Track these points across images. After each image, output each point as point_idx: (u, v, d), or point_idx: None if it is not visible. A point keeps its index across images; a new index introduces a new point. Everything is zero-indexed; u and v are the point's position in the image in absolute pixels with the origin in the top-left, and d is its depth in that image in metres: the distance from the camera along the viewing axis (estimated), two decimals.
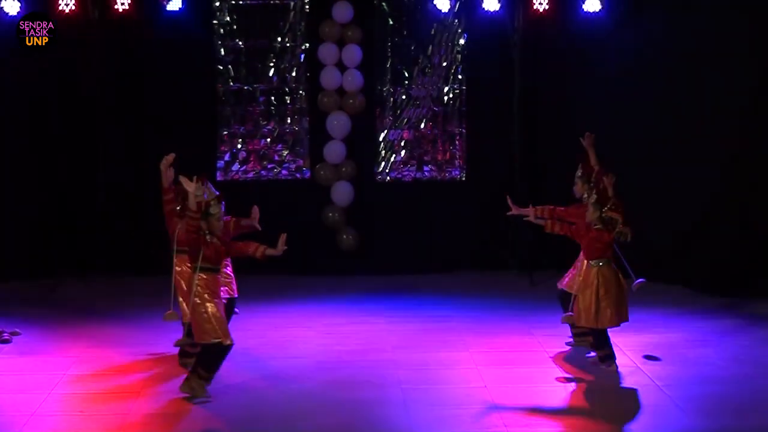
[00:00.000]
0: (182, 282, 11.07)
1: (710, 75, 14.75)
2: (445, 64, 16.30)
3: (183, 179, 10.31)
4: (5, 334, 12.39)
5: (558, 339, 12.12)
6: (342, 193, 15.98)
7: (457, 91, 16.36)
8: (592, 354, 11.33)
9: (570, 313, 11.19)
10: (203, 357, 10.41)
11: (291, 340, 12.43)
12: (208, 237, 10.25)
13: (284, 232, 10.46)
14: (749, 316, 13.34)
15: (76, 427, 9.62)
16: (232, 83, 16.26)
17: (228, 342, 10.36)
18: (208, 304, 10.25)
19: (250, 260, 10.69)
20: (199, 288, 10.24)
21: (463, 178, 16.39)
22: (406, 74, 16.37)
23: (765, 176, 14.38)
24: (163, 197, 11.23)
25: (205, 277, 10.28)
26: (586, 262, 11.18)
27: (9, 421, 9.72)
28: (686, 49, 14.94)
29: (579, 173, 11.87)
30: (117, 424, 9.68)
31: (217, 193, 10.87)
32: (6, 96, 15.48)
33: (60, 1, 14.93)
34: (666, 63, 15.12)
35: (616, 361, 11.12)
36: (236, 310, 11.82)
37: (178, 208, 11.11)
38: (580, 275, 11.24)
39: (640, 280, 11.64)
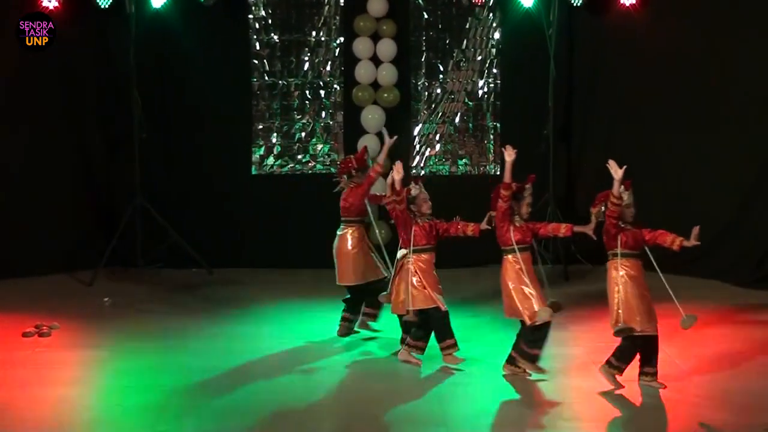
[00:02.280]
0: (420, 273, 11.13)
1: (746, 68, 14.79)
2: (479, 58, 16.36)
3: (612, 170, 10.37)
4: (44, 328, 12.45)
5: (594, 333, 12.20)
6: (375, 187, 16.00)
7: (492, 85, 16.42)
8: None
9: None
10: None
11: (321, 330, 12.55)
12: (621, 224, 10.34)
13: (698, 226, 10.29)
14: None
15: (115, 419, 9.71)
16: (267, 77, 16.35)
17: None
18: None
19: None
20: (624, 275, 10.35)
21: (498, 173, 16.46)
22: (441, 68, 16.44)
23: None
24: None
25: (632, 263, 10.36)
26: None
27: (49, 414, 9.80)
28: (724, 41, 14.96)
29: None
30: (155, 416, 9.80)
31: None
32: (43, 94, 15.65)
33: None
34: (702, 55, 15.13)
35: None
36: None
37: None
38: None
39: None
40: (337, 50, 16.36)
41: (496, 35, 16.38)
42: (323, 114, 16.50)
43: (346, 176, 12.34)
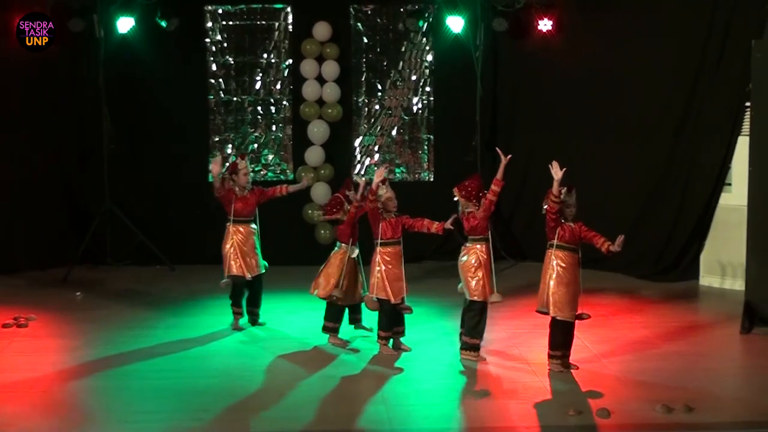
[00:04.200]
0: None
1: (646, 84, 15.02)
2: (414, 77, 16.48)
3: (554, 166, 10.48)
4: (22, 319, 12.44)
5: (510, 322, 12.33)
6: (320, 192, 16.14)
7: (425, 101, 16.54)
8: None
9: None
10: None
11: (276, 323, 12.58)
12: (561, 220, 10.48)
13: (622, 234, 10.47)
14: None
15: (85, 401, 9.75)
16: (223, 95, 16.40)
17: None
18: None
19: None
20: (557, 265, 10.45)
21: (431, 179, 16.60)
22: (379, 87, 16.53)
23: (695, 176, 14.66)
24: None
25: (566, 255, 10.46)
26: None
27: (25, 397, 9.83)
28: (627, 62, 15.21)
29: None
30: (122, 398, 9.83)
31: None
32: (23, 108, 15.63)
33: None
34: (608, 74, 15.37)
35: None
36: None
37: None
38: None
39: None
40: (286, 71, 16.41)
41: (429, 57, 16.49)
42: (273, 127, 16.54)
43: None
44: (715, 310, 13.25)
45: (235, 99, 16.42)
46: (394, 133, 16.62)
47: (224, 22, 16.28)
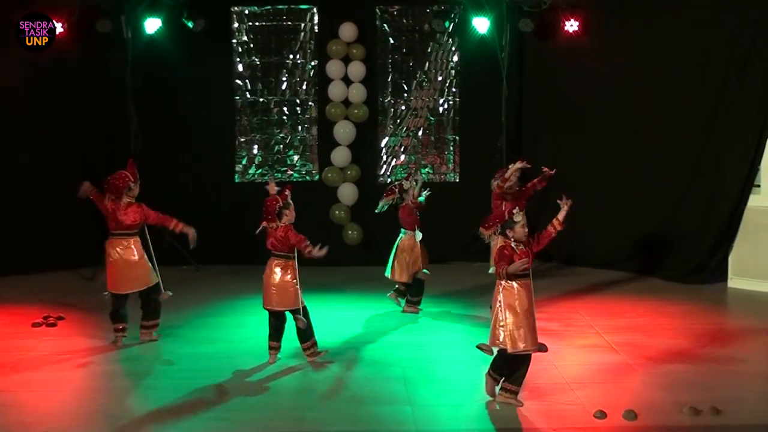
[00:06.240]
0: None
1: (676, 87, 14.99)
2: (440, 78, 16.52)
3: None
4: (51, 319, 12.58)
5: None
6: (347, 193, 16.21)
7: (451, 102, 16.58)
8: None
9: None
10: None
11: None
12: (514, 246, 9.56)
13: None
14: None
15: (112, 398, 9.83)
16: (249, 96, 16.48)
17: None
18: None
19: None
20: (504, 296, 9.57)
21: (457, 180, 16.63)
22: (405, 87, 16.58)
23: (723, 177, 14.61)
24: None
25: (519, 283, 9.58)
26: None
27: (56, 394, 9.95)
28: (654, 63, 15.17)
29: None
30: (150, 397, 9.91)
31: None
32: (53, 108, 15.76)
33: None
34: (636, 75, 15.34)
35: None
36: None
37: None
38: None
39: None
40: (312, 71, 16.48)
41: (455, 58, 16.53)
42: (299, 128, 16.60)
43: (127, 191, 11.98)
44: (743, 312, 13.26)
45: (261, 100, 16.49)
46: (420, 133, 16.66)
47: (250, 23, 16.36)
